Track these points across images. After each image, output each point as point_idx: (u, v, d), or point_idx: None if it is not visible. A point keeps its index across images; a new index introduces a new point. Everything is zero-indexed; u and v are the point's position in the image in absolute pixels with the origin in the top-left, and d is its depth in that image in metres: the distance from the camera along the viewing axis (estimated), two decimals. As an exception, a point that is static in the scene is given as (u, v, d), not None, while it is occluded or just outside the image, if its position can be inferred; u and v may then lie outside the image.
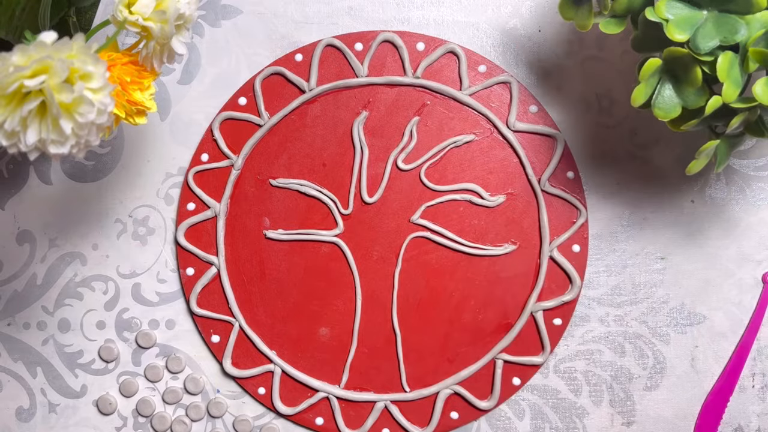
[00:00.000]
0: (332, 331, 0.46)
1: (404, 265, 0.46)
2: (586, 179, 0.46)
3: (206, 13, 0.47)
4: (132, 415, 0.47)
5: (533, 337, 0.46)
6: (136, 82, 0.35)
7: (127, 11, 0.33)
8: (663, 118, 0.37)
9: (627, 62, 0.46)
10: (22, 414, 0.47)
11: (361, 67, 0.46)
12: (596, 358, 0.46)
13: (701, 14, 0.36)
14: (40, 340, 0.47)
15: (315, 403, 0.46)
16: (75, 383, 0.47)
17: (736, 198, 0.46)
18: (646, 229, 0.46)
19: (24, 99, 0.29)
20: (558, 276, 0.46)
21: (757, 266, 0.46)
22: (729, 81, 0.35)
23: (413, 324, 0.46)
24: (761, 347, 0.46)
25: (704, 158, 0.37)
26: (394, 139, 0.46)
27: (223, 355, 0.46)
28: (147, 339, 0.47)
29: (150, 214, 0.47)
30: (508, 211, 0.46)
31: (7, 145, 0.29)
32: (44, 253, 0.47)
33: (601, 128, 0.46)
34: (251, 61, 0.47)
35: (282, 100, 0.46)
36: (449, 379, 0.46)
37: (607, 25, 0.38)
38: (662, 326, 0.46)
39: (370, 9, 0.47)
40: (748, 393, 0.46)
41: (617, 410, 0.46)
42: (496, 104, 0.46)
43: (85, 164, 0.47)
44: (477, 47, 0.46)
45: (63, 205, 0.47)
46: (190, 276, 0.46)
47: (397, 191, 0.46)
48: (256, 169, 0.46)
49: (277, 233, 0.46)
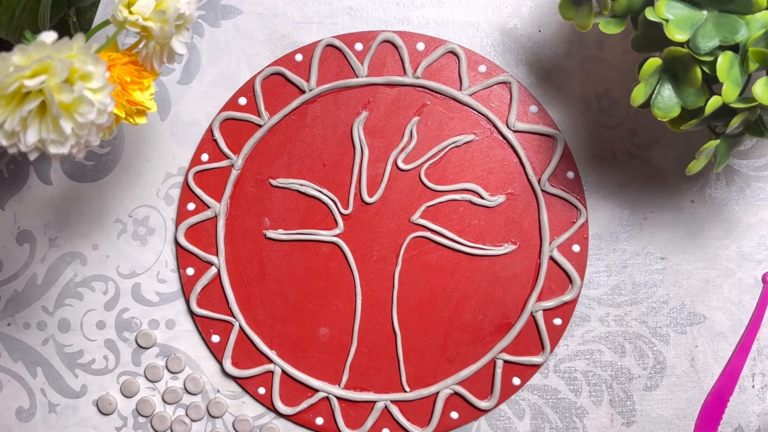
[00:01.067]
0: (332, 331, 0.46)
1: (404, 265, 0.46)
2: (586, 179, 0.46)
3: (206, 13, 0.47)
4: (132, 415, 0.47)
5: (533, 337, 0.46)
6: (136, 82, 0.35)
7: (127, 11, 0.33)
8: (662, 118, 0.37)
9: (627, 62, 0.46)
10: (22, 414, 0.47)
11: (361, 67, 0.46)
12: (596, 358, 0.46)
13: (701, 14, 0.36)
14: (40, 340, 0.47)
15: (315, 403, 0.46)
16: (75, 383, 0.47)
17: (736, 198, 0.46)
18: (646, 229, 0.46)
19: (24, 99, 0.29)
20: (558, 276, 0.46)
21: (757, 266, 0.46)
22: (729, 81, 0.35)
23: (413, 324, 0.46)
24: (761, 347, 0.46)
25: (704, 158, 0.37)
26: (394, 139, 0.46)
27: (223, 355, 0.46)
28: (147, 339, 0.47)
29: (150, 214, 0.47)
30: (508, 211, 0.46)
31: (7, 145, 0.29)
32: (44, 253, 0.47)
33: (601, 128, 0.46)
34: (251, 61, 0.47)
35: (282, 100, 0.46)
36: (449, 379, 0.46)
37: (607, 25, 0.38)
38: (662, 326, 0.46)
39: (370, 9, 0.47)
40: (748, 393, 0.46)
41: (617, 410, 0.46)
42: (496, 104, 0.46)
43: (85, 164, 0.47)
44: (477, 47, 0.46)
45: (63, 205, 0.47)
46: (190, 276, 0.46)
47: (397, 191, 0.46)
48: (256, 169, 0.46)
49: (277, 233, 0.46)
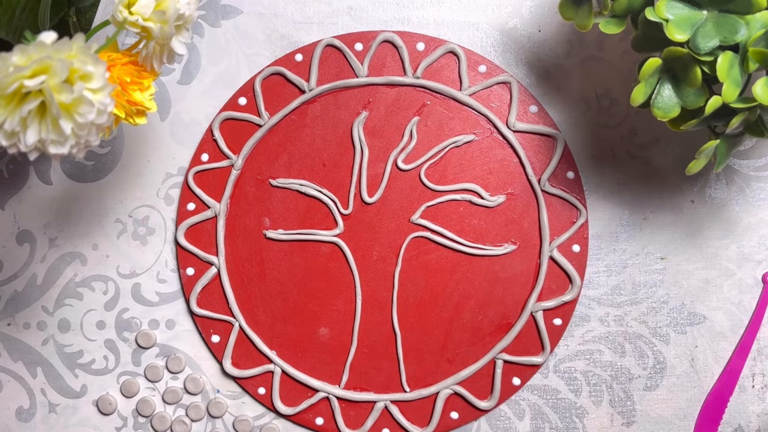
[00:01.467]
0: (332, 331, 0.46)
1: (404, 265, 0.46)
2: (586, 179, 0.46)
3: (206, 13, 0.47)
4: (132, 415, 0.47)
5: (533, 337, 0.46)
6: (136, 82, 0.35)
7: (127, 11, 0.33)
8: (662, 118, 0.37)
9: (627, 62, 0.46)
10: (22, 414, 0.47)
11: (361, 67, 0.46)
12: (596, 358, 0.46)
13: (701, 14, 0.36)
14: (40, 340, 0.47)
15: (315, 403, 0.46)
16: (75, 383, 0.47)
17: (736, 198, 0.46)
18: (646, 229, 0.46)
19: (24, 99, 0.29)
20: (558, 276, 0.46)
21: (757, 266, 0.46)
22: (729, 81, 0.35)
23: (413, 324, 0.46)
24: (761, 347, 0.46)
25: (704, 158, 0.37)
26: (394, 139, 0.46)
27: (223, 355, 0.46)
28: (147, 339, 0.47)
29: (150, 214, 0.47)
30: (508, 211, 0.46)
31: (7, 145, 0.29)
32: (44, 253, 0.47)
33: (601, 128, 0.46)
34: (251, 61, 0.47)
35: (282, 100, 0.46)
36: (449, 379, 0.46)
37: (607, 25, 0.38)
38: (662, 326, 0.46)
39: (370, 9, 0.47)
40: (748, 393, 0.46)
41: (617, 410, 0.46)
42: (496, 104, 0.46)
43: (85, 164, 0.47)
44: (477, 47, 0.46)
45: (63, 205, 0.47)
46: (190, 276, 0.46)
47: (397, 191, 0.46)
48: (256, 169, 0.46)
49: (277, 233, 0.46)
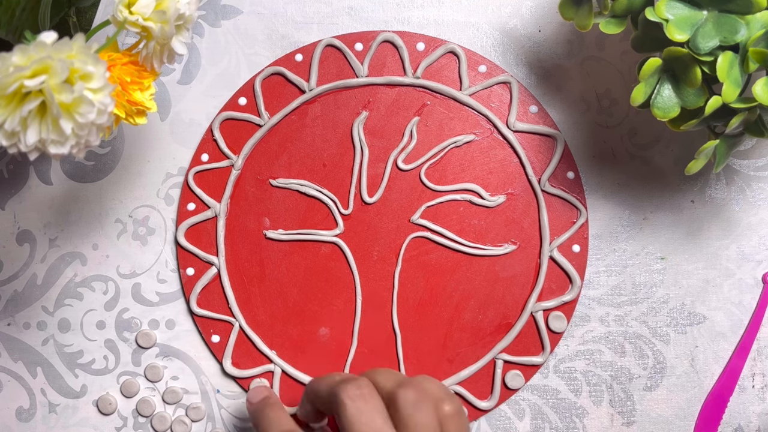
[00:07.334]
0: (332, 331, 0.46)
1: (404, 265, 0.46)
2: (586, 179, 0.46)
3: (206, 13, 0.47)
4: (132, 415, 0.47)
5: (533, 337, 0.46)
6: (136, 82, 0.35)
7: (127, 11, 0.33)
8: (662, 118, 0.37)
9: (627, 62, 0.46)
10: (22, 414, 0.47)
11: (361, 67, 0.46)
12: (596, 358, 0.46)
13: (701, 14, 0.36)
14: (40, 340, 0.47)
15: (315, 403, 0.46)
16: (75, 383, 0.47)
17: (736, 198, 0.46)
18: (646, 229, 0.46)
19: (24, 99, 0.29)
20: (558, 276, 0.46)
21: (757, 266, 0.46)
22: (729, 81, 0.35)
23: (413, 324, 0.46)
24: (761, 347, 0.46)
25: (704, 158, 0.37)
26: (394, 139, 0.46)
27: (223, 355, 0.46)
28: (147, 339, 0.47)
29: (150, 214, 0.47)
30: (508, 211, 0.46)
31: (7, 145, 0.29)
32: (44, 253, 0.47)
33: (601, 128, 0.46)
34: (251, 61, 0.47)
35: (282, 100, 0.46)
36: (449, 379, 0.46)
37: (607, 25, 0.38)
38: (662, 326, 0.46)
39: (370, 9, 0.47)
40: (748, 393, 0.46)
41: (617, 410, 0.46)
42: (496, 104, 0.46)
43: (85, 164, 0.47)
44: (477, 47, 0.46)
45: (63, 205, 0.47)
46: (190, 276, 0.46)
47: (397, 191, 0.46)
48: (256, 169, 0.46)
49: (277, 233, 0.46)
